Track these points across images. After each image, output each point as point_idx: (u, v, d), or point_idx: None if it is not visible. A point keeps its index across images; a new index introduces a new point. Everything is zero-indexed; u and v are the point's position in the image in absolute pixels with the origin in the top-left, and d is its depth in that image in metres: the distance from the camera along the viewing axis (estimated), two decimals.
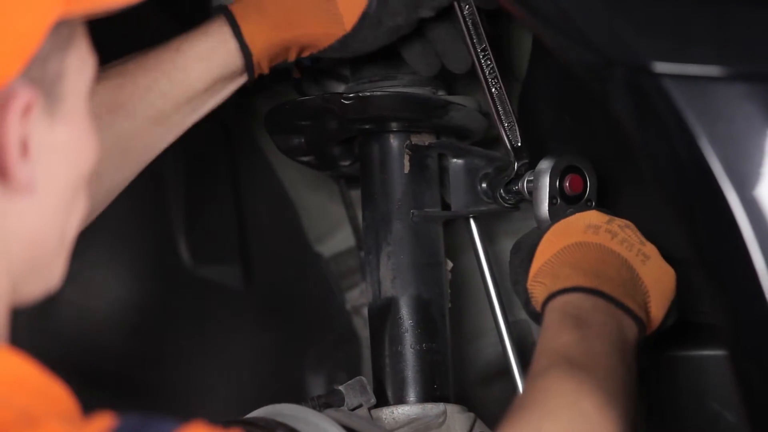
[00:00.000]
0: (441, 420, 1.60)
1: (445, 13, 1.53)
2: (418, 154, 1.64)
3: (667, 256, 1.46)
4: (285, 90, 1.84)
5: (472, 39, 1.54)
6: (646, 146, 1.23)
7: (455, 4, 1.52)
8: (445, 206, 1.68)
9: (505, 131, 1.58)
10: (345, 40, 1.48)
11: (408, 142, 1.64)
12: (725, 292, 1.20)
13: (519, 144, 1.58)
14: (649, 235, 1.50)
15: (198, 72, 1.46)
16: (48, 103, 0.94)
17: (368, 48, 1.50)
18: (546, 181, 1.54)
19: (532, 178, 1.57)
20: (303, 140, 1.67)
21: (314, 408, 1.54)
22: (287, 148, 1.69)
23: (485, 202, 1.64)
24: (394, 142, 1.65)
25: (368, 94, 1.60)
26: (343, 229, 1.97)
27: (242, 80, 1.50)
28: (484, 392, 1.89)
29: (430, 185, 1.65)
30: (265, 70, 1.51)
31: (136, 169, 1.47)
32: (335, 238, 1.99)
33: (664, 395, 1.55)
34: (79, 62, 0.98)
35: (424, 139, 1.65)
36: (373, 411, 1.59)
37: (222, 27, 1.47)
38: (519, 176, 1.60)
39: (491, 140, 1.80)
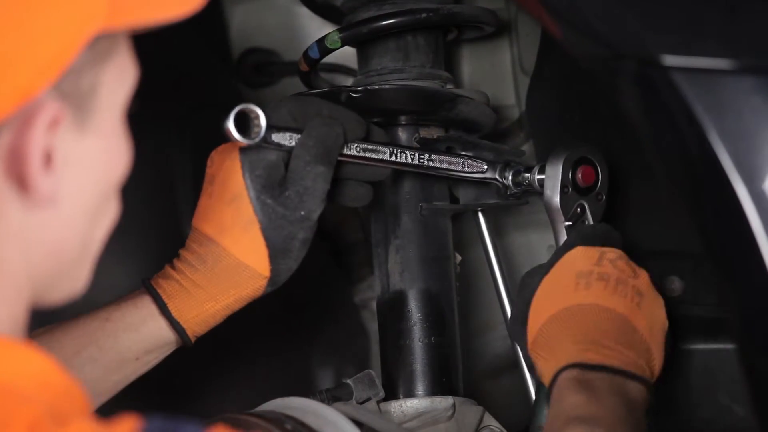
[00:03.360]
0: (450, 413, 1.60)
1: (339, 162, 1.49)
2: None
3: (674, 251, 1.46)
4: (293, 82, 1.84)
5: (374, 159, 1.51)
6: (654, 140, 1.22)
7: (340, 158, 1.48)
8: (454, 199, 1.68)
9: (467, 174, 1.59)
10: (271, 282, 1.48)
11: (416, 135, 1.64)
12: (735, 285, 1.20)
13: (485, 167, 1.59)
14: (659, 229, 1.50)
15: (128, 342, 1.46)
16: (78, 116, 0.94)
17: (295, 268, 1.49)
18: (559, 171, 1.54)
19: (543, 176, 1.57)
20: None
21: (323, 401, 1.54)
22: None
23: (493, 196, 1.64)
24: (402, 135, 1.64)
25: (377, 87, 1.60)
26: (352, 221, 1.97)
27: (176, 346, 1.50)
28: (492, 385, 1.89)
29: (439, 179, 1.65)
30: (202, 333, 1.51)
31: None
32: (343, 231, 1.98)
33: (673, 389, 1.55)
34: (118, 74, 0.97)
35: (433, 132, 1.64)
36: (381, 404, 1.59)
37: (150, 304, 1.47)
38: (528, 169, 1.60)
39: (500, 134, 1.80)
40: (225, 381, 1.85)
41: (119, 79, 0.97)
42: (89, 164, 0.96)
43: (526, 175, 1.59)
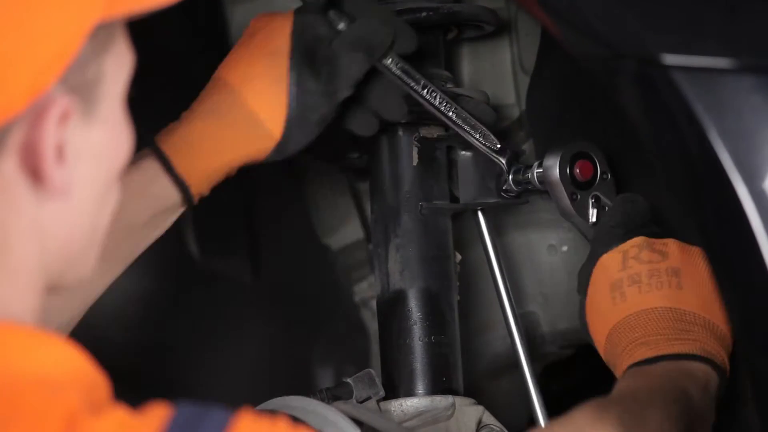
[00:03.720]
0: (450, 412, 1.60)
1: (373, 73, 1.50)
2: (426, 147, 1.64)
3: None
4: None
5: (409, 85, 1.52)
6: (654, 139, 1.22)
7: (379, 65, 1.49)
8: (454, 199, 1.68)
9: (480, 143, 1.58)
10: (279, 148, 1.47)
11: (417, 134, 1.64)
12: (736, 286, 1.20)
13: (498, 145, 1.59)
14: (659, 228, 1.50)
15: (134, 208, 1.43)
16: (85, 108, 0.95)
17: (304, 144, 1.48)
18: (558, 181, 1.55)
19: (540, 170, 1.57)
20: None
21: (323, 400, 1.54)
22: None
23: (494, 195, 1.64)
24: (402, 134, 1.64)
25: None
26: (352, 221, 1.97)
27: (183, 209, 1.47)
28: (492, 385, 1.89)
29: (439, 178, 1.65)
30: (206, 193, 1.48)
31: (83, 305, 1.43)
32: (344, 231, 1.98)
33: None
34: (117, 62, 0.98)
35: (433, 132, 1.65)
36: (381, 403, 1.59)
37: (153, 163, 1.44)
38: (527, 167, 1.60)
39: (500, 132, 1.80)
40: (225, 380, 1.85)
41: (119, 67, 0.98)
42: (97, 154, 0.97)
43: (528, 173, 1.60)
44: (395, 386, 1.62)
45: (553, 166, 1.55)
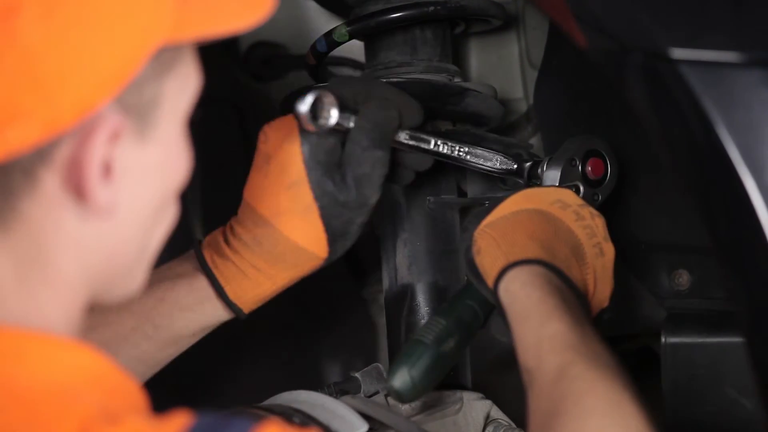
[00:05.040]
0: (457, 407, 1.60)
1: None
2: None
3: (682, 245, 1.46)
4: (300, 76, 1.84)
5: (422, 149, 1.49)
6: (662, 133, 1.22)
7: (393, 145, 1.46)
8: (461, 193, 1.68)
9: (497, 170, 1.57)
10: (328, 259, 1.47)
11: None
12: (742, 279, 1.20)
13: (515, 165, 1.57)
14: (667, 223, 1.50)
15: (184, 321, 1.46)
16: (140, 127, 0.94)
17: (350, 245, 1.47)
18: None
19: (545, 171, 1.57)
20: None
21: (331, 395, 1.54)
22: None
23: (501, 189, 1.64)
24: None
25: (384, 81, 1.60)
26: None
27: (229, 319, 1.50)
28: (500, 379, 1.89)
29: (447, 172, 1.65)
30: (255, 308, 1.50)
31: None
32: None
33: (681, 382, 1.55)
34: (180, 84, 0.97)
35: (440, 126, 1.64)
36: (389, 397, 1.59)
37: (206, 286, 1.46)
38: (537, 163, 1.60)
39: (507, 127, 1.80)
40: (233, 374, 1.85)
41: (182, 89, 0.97)
42: (149, 174, 0.97)
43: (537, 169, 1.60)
44: None
45: (554, 179, 1.54)
